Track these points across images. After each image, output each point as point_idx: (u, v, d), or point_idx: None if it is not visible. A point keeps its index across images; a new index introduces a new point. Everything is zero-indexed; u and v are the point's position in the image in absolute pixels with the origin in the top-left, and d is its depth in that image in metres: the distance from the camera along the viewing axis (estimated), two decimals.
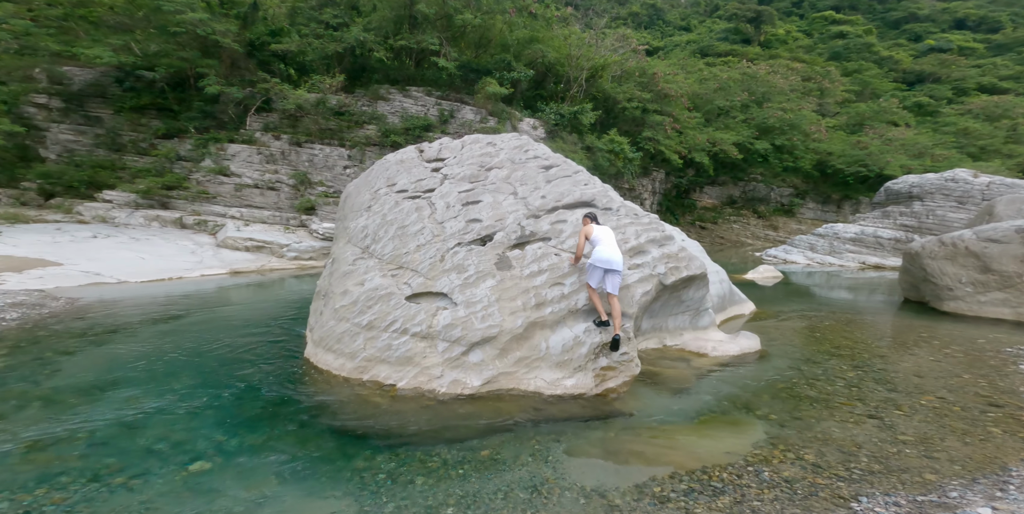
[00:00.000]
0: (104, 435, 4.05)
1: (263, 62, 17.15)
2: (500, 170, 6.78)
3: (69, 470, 3.54)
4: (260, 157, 15.81)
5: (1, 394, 4.69)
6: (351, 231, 6.63)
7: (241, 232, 13.33)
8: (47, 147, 15.79)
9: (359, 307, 5.30)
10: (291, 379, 5.31)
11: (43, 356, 5.71)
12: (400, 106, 17.45)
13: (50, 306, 7.64)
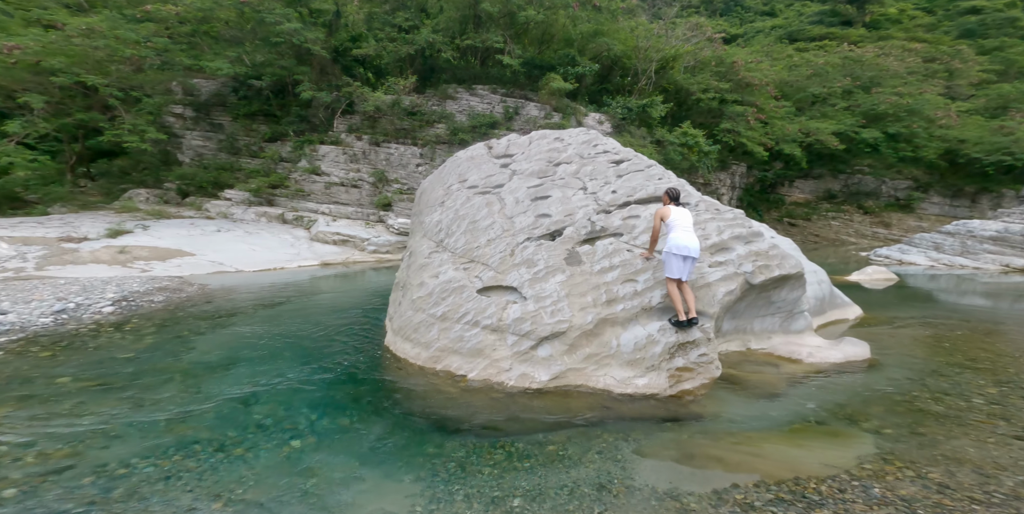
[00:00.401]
0: (226, 409, 4.48)
1: (346, 67, 17.90)
2: (569, 165, 6.57)
3: (201, 440, 3.94)
4: (345, 157, 16.83)
5: (152, 367, 5.39)
6: (426, 225, 6.80)
7: (330, 227, 14.36)
8: (183, 152, 17.85)
9: (434, 299, 5.41)
10: (373, 365, 5.53)
11: (181, 335, 6.45)
12: (467, 104, 17.69)
13: (186, 291, 8.64)
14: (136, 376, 5.08)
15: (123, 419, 4.22)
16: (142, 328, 6.58)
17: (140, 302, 7.65)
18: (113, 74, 14.66)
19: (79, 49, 13.83)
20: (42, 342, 5.78)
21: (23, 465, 3.43)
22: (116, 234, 11.56)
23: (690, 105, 21.96)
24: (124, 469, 3.51)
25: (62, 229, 11.58)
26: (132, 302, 7.58)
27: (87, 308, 7.04)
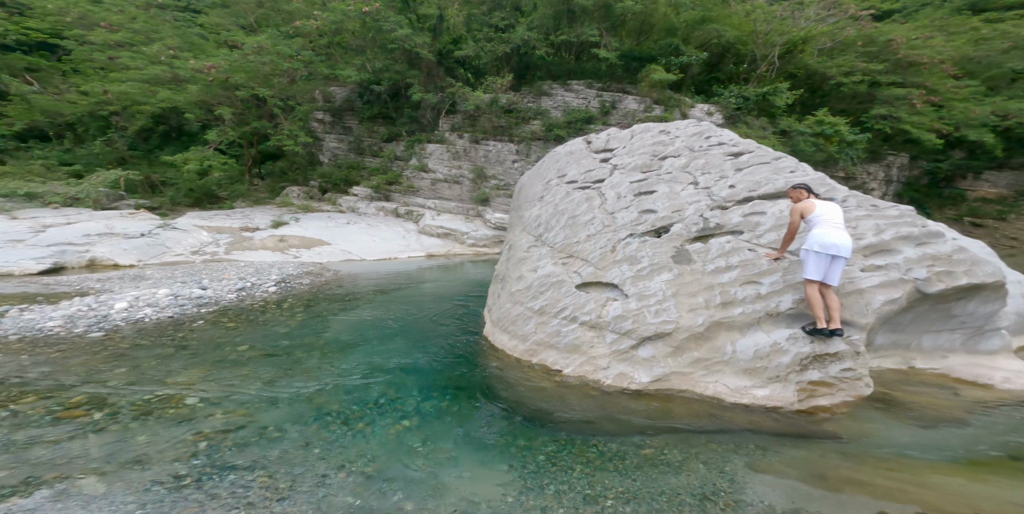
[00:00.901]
0: (352, 385, 4.89)
1: (449, 68, 18.35)
2: (676, 159, 6.03)
3: (332, 412, 4.33)
4: (448, 154, 17.62)
5: (300, 342, 6.08)
6: (525, 220, 6.81)
7: (434, 221, 15.24)
8: (323, 153, 19.91)
9: (532, 292, 5.35)
10: (472, 354, 5.64)
11: (321, 315, 7.22)
12: (562, 100, 17.32)
13: (325, 276, 9.68)
14: (289, 349, 5.79)
15: (279, 387, 4.81)
16: (294, 307, 7.53)
17: (293, 284, 8.81)
18: (275, 86, 16.65)
19: (253, 65, 15.86)
20: (229, 314, 6.88)
21: (213, 421, 4.07)
22: (277, 225, 13.61)
23: (827, 91, 18.87)
24: (279, 433, 3.98)
25: (242, 221, 13.97)
26: (288, 284, 8.75)
27: (258, 287, 8.28)
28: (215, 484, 3.27)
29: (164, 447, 3.61)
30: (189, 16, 22.92)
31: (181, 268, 9.59)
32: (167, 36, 18.01)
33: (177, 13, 22.82)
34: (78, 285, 7.83)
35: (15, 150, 16.62)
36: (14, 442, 3.50)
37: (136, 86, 15.66)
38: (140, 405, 4.18)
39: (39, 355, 4.99)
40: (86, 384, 4.46)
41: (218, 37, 20.00)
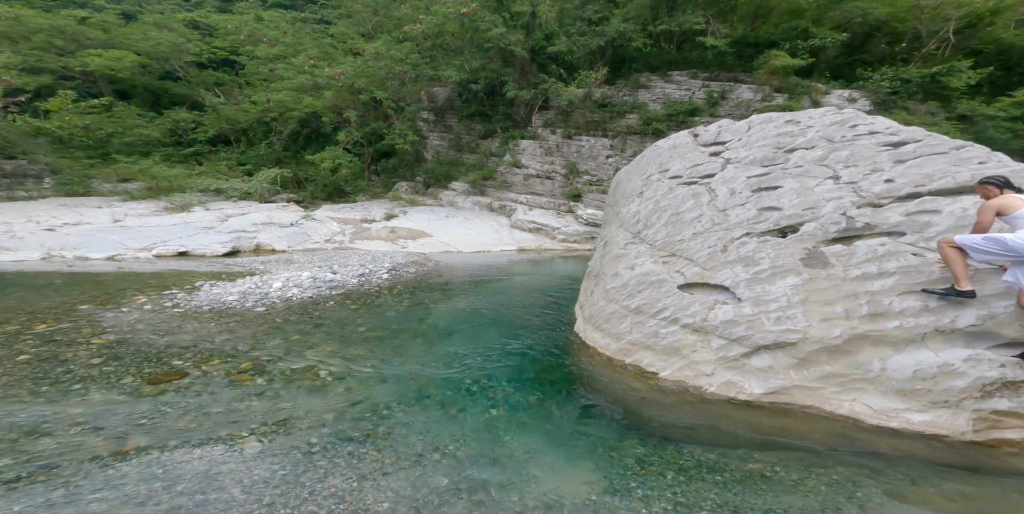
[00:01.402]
0: (448, 370, 5.03)
1: (541, 65, 18.02)
2: (809, 151, 5.11)
3: (430, 395, 4.49)
4: (541, 150, 17.45)
5: (406, 326, 6.46)
6: (622, 216, 6.40)
7: (526, 216, 15.28)
8: (427, 150, 20.97)
9: (628, 291, 5.01)
10: (562, 349, 5.48)
11: (423, 302, 7.60)
12: (661, 92, 16.00)
13: (427, 265, 10.25)
14: (397, 333, 6.18)
15: (389, 367, 5.13)
16: (402, 293, 8.07)
17: (401, 272, 9.48)
18: (389, 88, 17.80)
19: (371, 70, 17.12)
20: (352, 297, 7.62)
21: (337, 395, 4.45)
22: (389, 217, 14.88)
23: None
24: (387, 410, 4.22)
25: (362, 213, 15.55)
26: (397, 271, 9.44)
27: (374, 274, 9.06)
28: (336, 453, 3.58)
29: (302, 415, 4.05)
30: (322, 28, 25.41)
31: (318, 254, 10.94)
32: (309, 47, 20.17)
33: (315, 25, 25.59)
34: (248, 266, 9.35)
35: (208, 153, 20.23)
36: (202, 399, 4.20)
37: (288, 94, 17.84)
38: (287, 374, 4.80)
39: (222, 324, 6.01)
40: (252, 352, 5.24)
41: (345, 46, 21.60)
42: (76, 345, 5.01)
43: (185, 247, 10.24)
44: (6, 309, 6.02)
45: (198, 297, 6.91)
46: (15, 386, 4.10)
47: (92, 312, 6.05)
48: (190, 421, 3.79)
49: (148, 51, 19.86)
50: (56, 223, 11.10)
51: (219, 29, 22.53)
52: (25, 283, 7.45)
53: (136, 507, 2.80)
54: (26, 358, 4.62)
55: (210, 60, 22.59)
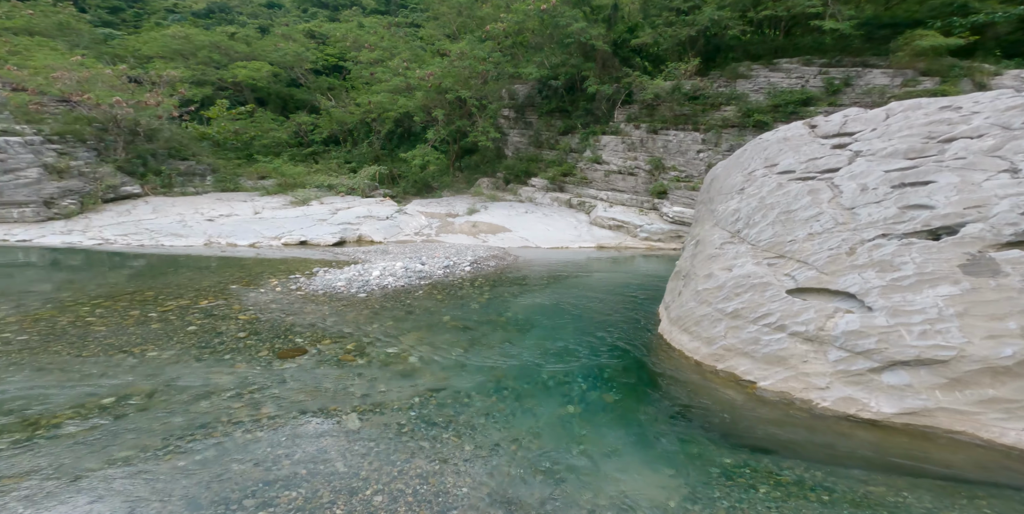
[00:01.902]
0: (525, 364, 5.05)
1: (624, 58, 17.11)
2: (975, 140, 4.10)
3: (507, 387, 4.56)
4: (623, 146, 16.62)
5: (486, 318, 6.61)
6: (718, 214, 5.79)
7: (606, 213, 14.71)
8: (508, 147, 21.19)
9: (724, 293, 4.56)
10: (644, 350, 5.23)
11: (503, 296, 7.73)
12: (765, 82, 14.19)
13: (507, 260, 10.41)
14: (478, 324, 6.35)
15: (470, 357, 5.29)
16: (483, 286, 8.28)
17: (483, 265, 9.74)
18: (472, 87, 18.18)
19: (457, 70, 17.60)
20: (438, 288, 8.02)
21: (424, 380, 4.72)
22: (471, 212, 15.41)
23: None
24: (467, 399, 4.36)
25: (447, 208, 16.32)
26: (479, 265, 9.72)
27: (458, 266, 9.44)
28: (422, 436, 3.76)
29: (394, 397, 4.34)
30: (413, 31, 26.58)
31: (409, 246, 11.72)
32: (402, 51, 21.27)
33: (407, 29, 27.05)
34: (352, 255, 10.37)
35: (323, 152, 22.42)
36: (317, 375, 4.70)
37: (385, 96, 19.03)
38: (384, 358, 5.19)
39: (333, 307, 6.72)
40: (355, 334, 5.77)
41: (432, 47, 22.39)
42: (228, 319, 5.94)
43: (305, 237, 11.68)
44: (180, 285, 7.38)
45: (315, 282, 7.79)
46: (187, 353, 4.98)
47: (239, 292, 7.15)
48: (307, 395, 4.27)
49: (278, 61, 22.57)
50: (214, 214, 13.41)
51: (330, 37, 24.88)
52: (192, 265, 9.08)
53: (264, 471, 3.20)
54: (193, 329, 5.60)
55: (323, 67, 25.02)
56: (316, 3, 34.40)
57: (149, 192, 14.87)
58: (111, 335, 5.25)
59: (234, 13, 33.57)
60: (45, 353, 4.72)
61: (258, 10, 35.36)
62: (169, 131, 16.48)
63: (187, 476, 3.07)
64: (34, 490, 2.94)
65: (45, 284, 7.45)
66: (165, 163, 16.10)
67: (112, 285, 7.36)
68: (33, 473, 3.12)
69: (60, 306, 6.13)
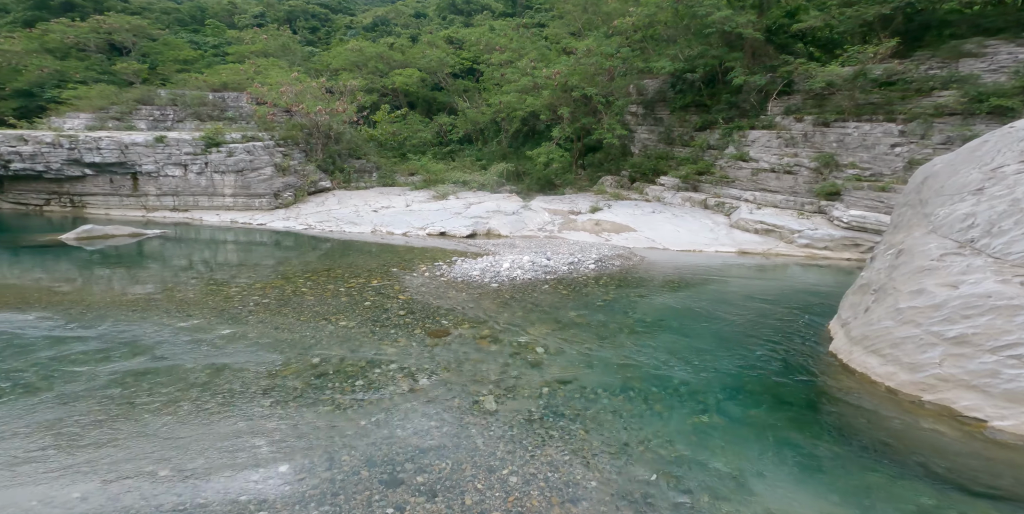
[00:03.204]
0: (654, 367, 4.83)
1: (781, 45, 14.93)
2: None
3: (635, 388, 4.42)
4: (779, 141, 14.22)
5: (611, 317, 6.53)
6: (937, 218, 4.54)
7: (752, 215, 12.81)
8: (634, 144, 20.22)
9: (944, 314, 3.75)
10: (807, 369, 4.59)
11: (629, 296, 7.55)
12: (1010, 59, 10.65)
13: (633, 260, 10.06)
14: (604, 322, 6.31)
15: (596, 353, 5.30)
16: (608, 285, 8.16)
17: (607, 264, 9.57)
18: (598, 84, 17.76)
19: (583, 67, 17.35)
20: (563, 283, 8.19)
21: (552, 371, 4.89)
22: (593, 210, 15.12)
23: None
24: (593, 395, 4.38)
25: (570, 205, 16.35)
26: (603, 263, 9.58)
27: (582, 263, 9.47)
28: (551, 425, 3.89)
29: (524, 384, 4.61)
30: (538, 31, 26.89)
31: (533, 241, 12.08)
32: (529, 51, 21.78)
33: (533, 29, 27.58)
34: (483, 247, 11.20)
35: (459, 151, 24.58)
36: (458, 356, 5.27)
37: (514, 95, 19.64)
38: (515, 346, 5.50)
39: (470, 294, 7.39)
40: (489, 321, 6.25)
41: (558, 46, 22.41)
42: (391, 298, 7.00)
43: (444, 228, 13.04)
44: (357, 266, 8.97)
45: (454, 270, 8.64)
46: (365, 324, 6.04)
47: (398, 274, 8.37)
48: (452, 373, 4.77)
49: (425, 67, 25.08)
50: (378, 206, 15.95)
51: (465, 41, 26.93)
52: (362, 249, 10.95)
53: (420, 439, 3.70)
54: (368, 304, 6.76)
55: (460, 70, 27.26)
56: (453, 10, 37.61)
57: (336, 187, 18.39)
58: (317, 304, 6.67)
59: (391, 25, 38.96)
60: (279, 315, 6.26)
61: (409, 21, 40.46)
62: (350, 134, 19.95)
63: (366, 435, 3.69)
64: (275, 436, 3.69)
65: (271, 259, 9.86)
66: (346, 162, 19.66)
67: (314, 262, 9.36)
68: (262, 415, 4.11)
69: (284, 277, 8.04)
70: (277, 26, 32.60)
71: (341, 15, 44.18)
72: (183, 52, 27.10)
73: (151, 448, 3.37)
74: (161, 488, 2.96)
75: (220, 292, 7.06)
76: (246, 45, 26.94)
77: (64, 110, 18.28)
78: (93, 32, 24.91)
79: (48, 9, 28.88)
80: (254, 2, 42.30)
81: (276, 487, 3.03)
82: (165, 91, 19.72)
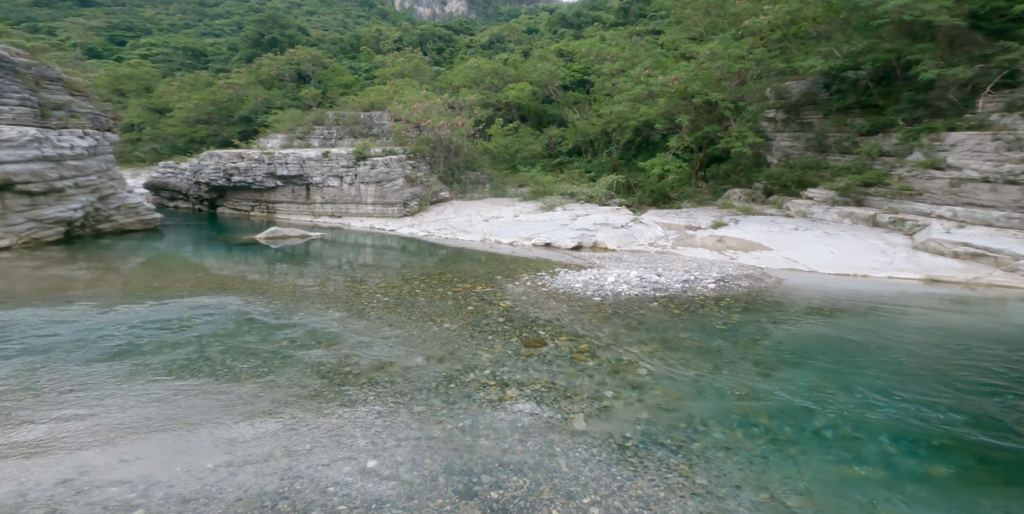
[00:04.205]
0: (787, 403, 4.16)
1: (995, 31, 11.81)
2: None
3: (759, 424, 3.84)
4: (996, 144, 10.97)
5: (733, 343, 5.83)
6: None
7: (951, 235, 10.03)
8: (771, 153, 17.97)
9: None
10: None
11: (759, 321, 6.66)
12: None
13: (766, 282, 8.84)
14: (723, 348, 5.65)
15: (709, 381, 4.78)
16: (731, 307, 7.32)
17: (731, 284, 8.57)
18: (725, 89, 16.41)
19: (706, 72, 16.31)
20: (675, 302, 7.62)
21: (653, 395, 4.56)
22: (716, 226, 13.67)
23: None
24: (703, 427, 3.93)
25: (687, 219, 15.11)
26: (726, 283, 8.61)
27: (699, 282, 8.65)
28: (647, 455, 3.59)
29: (621, 406, 4.38)
30: (652, 38, 26.05)
31: (643, 256, 11.48)
32: (643, 59, 21.19)
33: (647, 37, 26.51)
34: (588, 260, 11.07)
35: (567, 162, 24.91)
36: (552, 368, 5.23)
37: (626, 105, 19.25)
38: (614, 363, 5.28)
39: (571, 306, 7.39)
40: (588, 336, 6.14)
41: (676, 52, 21.49)
42: (493, 305, 7.39)
43: (549, 240, 13.28)
44: (465, 272, 9.72)
45: (556, 281, 8.73)
46: (466, 328, 6.43)
47: (501, 282, 8.83)
48: (543, 386, 4.78)
49: (536, 80, 26.33)
50: (489, 216, 17.09)
51: (575, 53, 27.28)
52: (471, 257, 11.83)
53: (501, 452, 3.65)
54: (471, 309, 7.24)
55: (571, 82, 27.80)
56: (563, 24, 38.57)
57: (453, 197, 20.30)
58: (427, 305, 7.41)
59: (506, 42, 41.76)
60: (394, 313, 7.05)
61: (521, 37, 43.12)
62: (467, 147, 21.86)
63: (450, 439, 3.79)
64: (371, 430, 3.88)
65: (397, 262, 11.32)
66: (463, 173, 21.56)
67: (428, 267, 10.47)
68: (365, 408, 4.64)
69: (404, 279, 9.15)
70: (411, 49, 37.66)
71: (462, 35, 49.29)
72: (344, 77, 33.40)
73: (272, 428, 3.80)
74: (270, 468, 3.32)
75: (354, 288, 8.35)
76: (387, 67, 31.83)
77: (267, 132, 23.94)
78: (288, 64, 32.40)
79: (260, 46, 38.74)
80: (394, 28, 49.97)
81: (361, 482, 3.20)
82: (332, 112, 24.32)
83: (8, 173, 10.34)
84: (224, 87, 28.35)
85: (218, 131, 27.32)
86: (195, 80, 32.48)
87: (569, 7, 42.76)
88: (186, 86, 30.90)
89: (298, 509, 2.93)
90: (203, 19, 68.09)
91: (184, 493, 3.05)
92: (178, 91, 29.67)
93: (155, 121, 28.84)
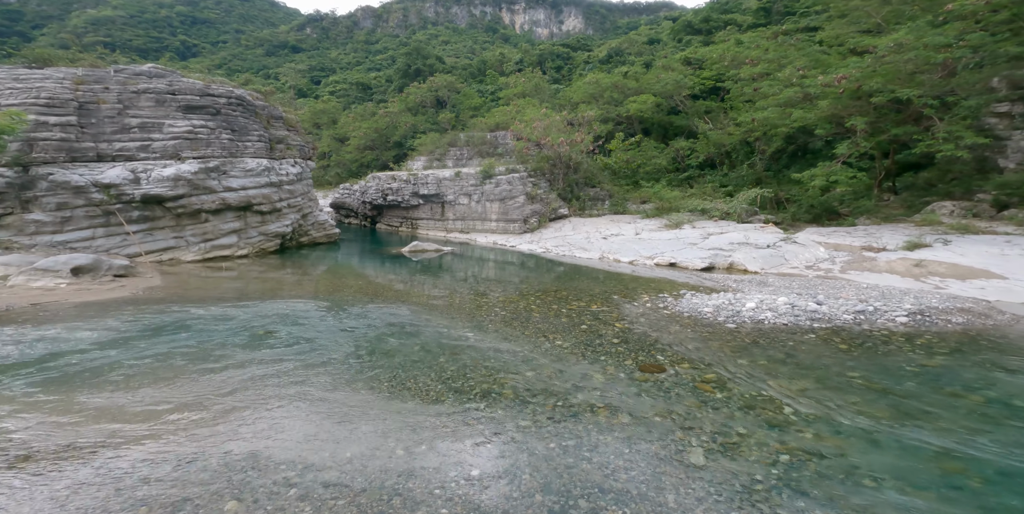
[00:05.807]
0: (1005, 466, 3.35)
1: None
2: None
3: (968, 487, 3.15)
4: None
5: (933, 389, 4.80)
6: None
7: None
8: (1006, 156, 14.18)
9: None
10: None
11: (979, 364, 5.37)
12: None
13: (995, 319, 7.04)
14: (916, 393, 4.69)
15: (890, 429, 4.02)
16: (934, 346, 5.98)
17: (935, 319, 6.98)
18: (924, 84, 13.78)
19: (890, 66, 13.88)
20: (842, 335, 6.49)
21: (802, 438, 3.99)
22: (913, 247, 11.05)
23: None
24: (871, 481, 3.33)
25: (865, 239, 12.57)
26: (927, 317, 7.04)
27: (882, 314, 7.23)
28: (782, 504, 3.17)
29: (752, 444, 3.94)
30: (807, 36, 22.80)
31: (797, 280, 9.96)
32: (795, 59, 18.81)
33: (799, 35, 23.21)
34: (721, 282, 10.11)
35: (698, 177, 23.38)
36: (670, 396, 4.90)
37: (774, 111, 17.36)
38: (748, 398, 4.76)
39: (697, 332, 6.90)
40: (717, 365, 5.64)
41: (841, 48, 18.68)
42: (608, 325, 7.34)
43: (675, 259, 12.51)
44: (581, 290, 9.85)
45: (681, 304, 8.22)
46: (577, 347, 6.46)
47: (618, 302, 8.70)
48: (658, 414, 4.57)
49: (660, 91, 25.39)
50: (608, 233, 16.97)
51: (705, 60, 25.40)
52: (588, 275, 11.88)
53: (603, 477, 3.53)
54: (584, 328, 7.30)
55: (700, 91, 26.04)
56: (689, 31, 36.28)
57: (572, 214, 20.78)
58: (541, 321, 7.73)
59: (625, 54, 41.22)
60: (510, 327, 7.46)
61: (642, 48, 42.19)
62: (586, 163, 22.24)
63: (551, 458, 3.83)
64: (479, 439, 4.07)
65: (516, 277, 12.06)
66: (582, 190, 21.94)
67: (545, 283, 10.89)
68: (475, 415, 5.03)
69: (521, 294, 9.73)
70: (531, 69, 40.30)
71: (580, 52, 50.67)
72: (473, 100, 37.73)
73: (401, 423, 4.25)
74: (392, 463, 3.64)
75: (476, 301, 9.18)
76: (510, 88, 34.78)
77: (413, 155, 28.27)
78: (429, 91, 38.08)
79: (408, 76, 46.27)
80: (515, 50, 54.13)
81: (464, 489, 3.35)
82: (463, 134, 27.52)
83: (250, 196, 14.42)
84: (383, 116, 34.96)
85: (379, 155, 33.53)
86: (364, 111, 40.78)
87: (695, 13, 40.82)
88: (358, 117, 38.76)
89: (408, 506, 3.23)
90: (368, 56, 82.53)
91: (328, 478, 3.54)
92: (353, 121, 37.62)
93: (338, 149, 36.84)
